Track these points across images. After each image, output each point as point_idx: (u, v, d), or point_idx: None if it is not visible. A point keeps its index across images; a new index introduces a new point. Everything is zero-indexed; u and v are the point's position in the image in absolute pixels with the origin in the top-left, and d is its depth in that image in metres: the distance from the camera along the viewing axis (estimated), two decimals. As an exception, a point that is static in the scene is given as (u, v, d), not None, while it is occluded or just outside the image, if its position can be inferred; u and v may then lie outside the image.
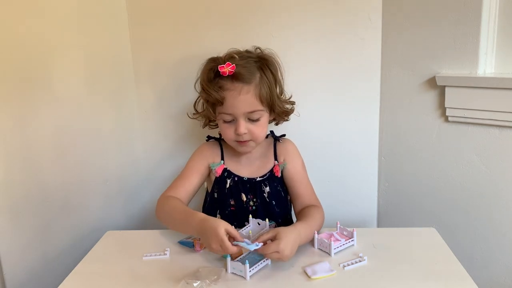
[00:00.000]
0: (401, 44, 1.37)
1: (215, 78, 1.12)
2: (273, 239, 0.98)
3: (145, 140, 1.56)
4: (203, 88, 1.14)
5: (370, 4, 1.39)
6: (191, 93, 1.48)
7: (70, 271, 1.00)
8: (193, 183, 1.20)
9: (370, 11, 1.39)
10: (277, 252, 0.95)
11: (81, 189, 1.36)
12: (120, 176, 1.50)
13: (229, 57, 1.12)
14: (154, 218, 1.60)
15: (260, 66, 1.14)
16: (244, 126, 1.12)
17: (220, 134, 1.28)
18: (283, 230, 0.99)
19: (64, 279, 0.97)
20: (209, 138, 1.30)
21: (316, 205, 1.21)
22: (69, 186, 1.32)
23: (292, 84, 1.33)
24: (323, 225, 1.17)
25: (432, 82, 1.32)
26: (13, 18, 1.14)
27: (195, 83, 1.23)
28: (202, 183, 1.26)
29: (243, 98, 1.10)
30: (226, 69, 1.09)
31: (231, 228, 0.96)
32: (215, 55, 1.19)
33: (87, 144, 1.37)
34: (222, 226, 0.95)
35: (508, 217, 1.27)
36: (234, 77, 1.09)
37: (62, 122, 1.29)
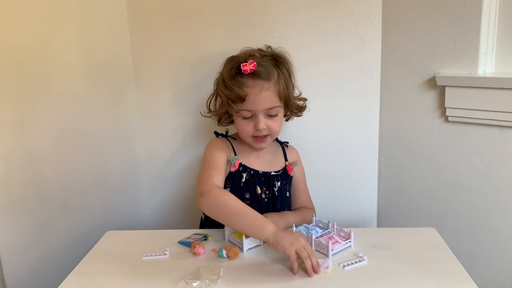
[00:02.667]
0: (401, 44, 1.37)
1: (236, 76, 1.14)
2: None
3: (145, 140, 1.56)
4: (225, 86, 1.16)
5: (370, 4, 1.39)
6: (191, 92, 1.48)
7: (70, 271, 1.00)
8: (224, 174, 1.18)
9: (370, 11, 1.39)
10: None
11: (81, 189, 1.36)
12: (120, 176, 1.50)
13: (250, 55, 1.15)
14: (154, 218, 1.61)
15: (276, 64, 1.18)
16: (263, 122, 1.15)
17: (226, 131, 1.30)
18: (270, 214, 1.17)
19: (64, 279, 0.97)
20: (216, 134, 1.30)
21: (310, 207, 1.32)
22: (69, 186, 1.32)
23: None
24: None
25: (432, 82, 1.32)
26: (13, 18, 1.14)
27: (215, 81, 1.24)
28: None
29: (264, 95, 1.13)
30: (248, 67, 1.12)
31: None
32: (234, 54, 1.20)
33: (87, 144, 1.37)
34: None
35: (508, 217, 1.27)
36: (255, 74, 1.13)
37: (62, 122, 1.29)
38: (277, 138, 1.33)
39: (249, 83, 1.13)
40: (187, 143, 1.53)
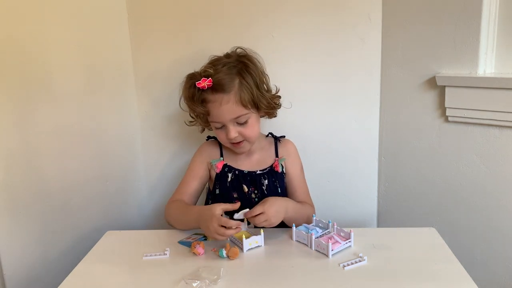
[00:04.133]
0: (401, 44, 1.37)
1: (196, 92, 1.16)
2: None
3: (145, 140, 1.56)
4: (187, 105, 1.20)
5: (370, 4, 1.39)
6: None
7: (70, 271, 1.00)
8: (194, 187, 1.25)
9: (370, 11, 1.39)
10: (263, 213, 1.06)
11: (81, 189, 1.36)
12: (120, 176, 1.50)
13: (204, 72, 1.15)
14: (154, 218, 1.62)
15: (238, 70, 1.16)
16: (234, 131, 1.16)
17: None
18: (270, 197, 1.14)
19: (64, 279, 0.97)
20: (208, 137, 1.32)
21: (308, 203, 1.29)
22: (69, 186, 1.32)
23: (292, 84, 1.33)
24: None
25: (432, 82, 1.32)
26: (13, 18, 1.14)
27: (180, 101, 1.25)
28: (205, 185, 1.29)
29: (225, 108, 1.14)
30: (204, 83, 1.12)
31: (226, 205, 1.07)
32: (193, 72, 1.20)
33: (87, 144, 1.37)
34: (217, 206, 1.06)
35: (508, 217, 1.27)
36: (214, 88, 1.13)
37: (62, 122, 1.29)
38: (272, 134, 1.33)
39: (209, 97, 1.14)
40: (187, 142, 1.53)
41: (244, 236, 1.06)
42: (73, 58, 1.31)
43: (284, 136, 1.33)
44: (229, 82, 1.14)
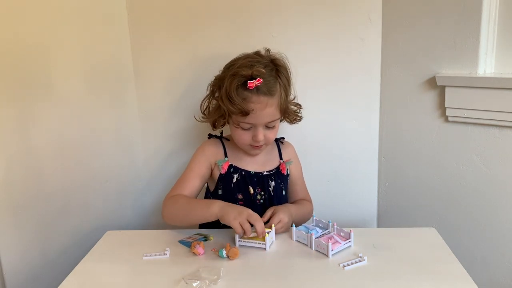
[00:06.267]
0: (401, 44, 1.37)
1: (238, 88, 1.11)
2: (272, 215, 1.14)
3: (145, 140, 1.56)
4: (230, 101, 1.11)
5: (370, 4, 1.39)
6: (191, 93, 1.48)
7: (70, 271, 1.00)
8: (195, 185, 1.22)
9: (370, 11, 1.39)
10: (279, 221, 1.11)
11: (81, 189, 1.36)
12: (120, 176, 1.50)
13: (256, 71, 1.09)
14: (154, 218, 1.61)
15: (277, 74, 1.15)
16: (262, 134, 1.15)
17: (221, 133, 1.30)
18: (277, 206, 1.18)
19: (64, 279, 0.97)
20: (210, 136, 1.30)
21: (307, 199, 1.33)
22: (69, 186, 1.32)
23: (292, 84, 1.33)
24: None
25: (432, 82, 1.32)
26: (13, 18, 1.14)
27: (209, 85, 1.21)
28: (204, 184, 1.27)
29: (268, 111, 1.12)
30: (255, 83, 1.08)
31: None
32: (235, 64, 1.15)
33: (87, 144, 1.37)
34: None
35: (508, 217, 1.27)
36: (259, 90, 1.10)
37: (62, 122, 1.29)
38: None
39: (253, 98, 1.10)
40: (187, 143, 1.53)
41: (266, 234, 1.05)
42: (73, 58, 1.31)
43: (283, 138, 1.33)
44: (273, 85, 1.12)
